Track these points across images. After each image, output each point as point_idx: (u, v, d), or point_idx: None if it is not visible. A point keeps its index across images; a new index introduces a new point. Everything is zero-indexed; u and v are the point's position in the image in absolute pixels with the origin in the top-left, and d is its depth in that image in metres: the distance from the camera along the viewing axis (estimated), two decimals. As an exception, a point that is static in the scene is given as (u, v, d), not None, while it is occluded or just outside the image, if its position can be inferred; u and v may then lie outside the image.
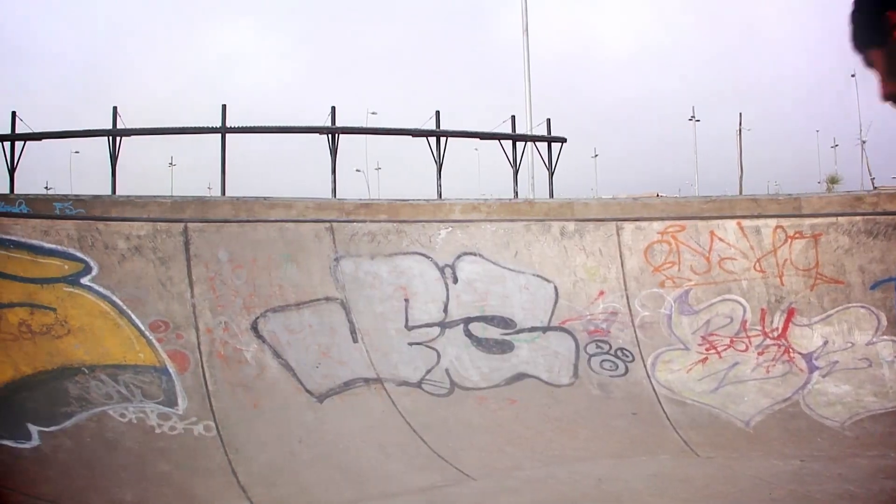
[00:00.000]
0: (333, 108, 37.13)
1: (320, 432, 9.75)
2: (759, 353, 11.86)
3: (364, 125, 42.71)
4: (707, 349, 11.95)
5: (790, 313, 12.25)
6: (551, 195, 36.36)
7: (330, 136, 37.36)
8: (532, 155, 39.95)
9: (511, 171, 39.29)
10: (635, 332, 12.15)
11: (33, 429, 8.49)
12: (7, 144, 36.81)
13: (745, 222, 12.94)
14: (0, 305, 9.84)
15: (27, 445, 8.18)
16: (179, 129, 37.66)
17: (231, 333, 10.87)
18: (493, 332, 11.96)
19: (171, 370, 10.14)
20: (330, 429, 9.86)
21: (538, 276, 12.55)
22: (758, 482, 8.67)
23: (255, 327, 11.08)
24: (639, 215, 13.51)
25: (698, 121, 79.55)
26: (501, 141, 40.19)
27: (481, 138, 40.87)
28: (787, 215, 13.14)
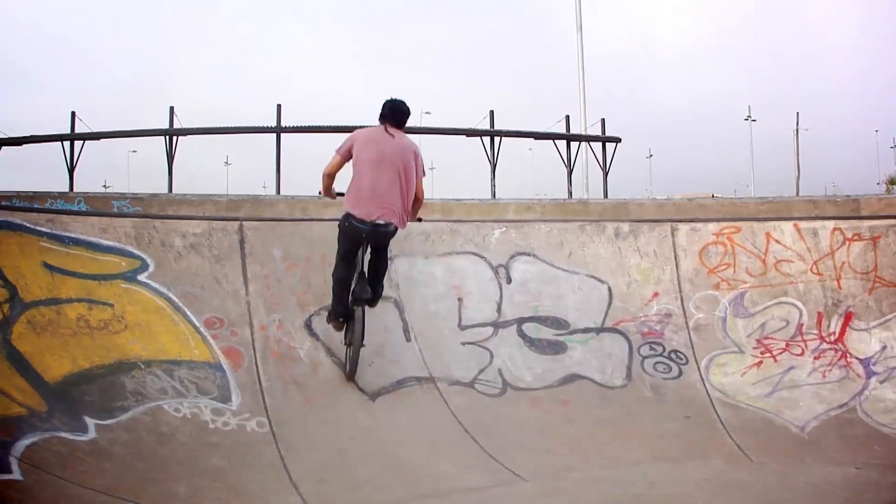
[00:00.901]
0: (388, 109, 37.20)
1: (372, 430, 9.75)
2: (816, 358, 11.69)
3: (418, 125, 42.73)
4: (762, 353, 11.80)
5: (847, 317, 12.07)
6: (605, 195, 36.22)
7: (384, 135, 37.37)
8: (586, 155, 39.90)
9: (565, 171, 39.21)
10: (689, 334, 12.05)
11: (90, 422, 8.58)
12: (67, 144, 37.35)
13: (802, 224, 12.79)
14: (59, 301, 9.97)
15: (84, 438, 8.26)
16: (235, 128, 38.03)
17: (285, 331, 10.93)
18: (547, 333, 11.91)
19: (225, 366, 10.21)
20: (381, 427, 9.86)
21: (592, 276, 12.48)
22: (812, 489, 8.54)
23: (308, 325, 11.13)
24: (694, 216, 13.41)
25: (754, 121, 79.03)
26: (556, 141, 40.12)
27: (535, 138, 40.79)
28: (846, 217, 12.98)
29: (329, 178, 10.48)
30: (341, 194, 10.54)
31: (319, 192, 10.77)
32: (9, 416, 7.96)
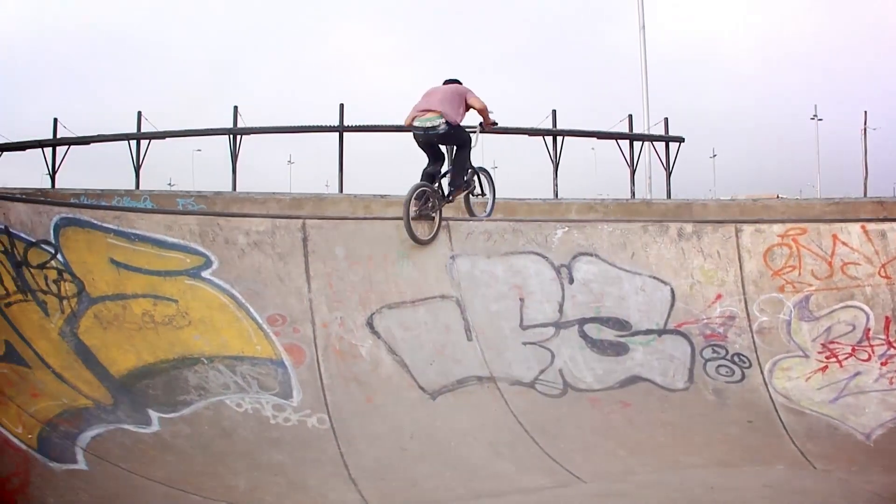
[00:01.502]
0: (451, 108, 37.23)
1: (432, 429, 9.78)
2: (883, 364, 11.45)
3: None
4: (827, 357, 11.59)
5: (917, 322, 11.86)
6: (669, 196, 35.95)
7: (446, 134, 37.44)
8: (649, 154, 39.63)
9: (628, 170, 38.98)
10: (753, 337, 11.88)
11: (153, 415, 8.72)
12: (133, 143, 37.83)
13: (870, 226, 12.56)
14: (125, 296, 10.12)
15: (147, 430, 8.39)
16: (298, 127, 38.27)
17: (347, 329, 10.98)
18: (608, 334, 11.83)
19: (287, 363, 10.30)
20: (441, 425, 9.88)
21: (655, 277, 12.36)
22: (878, 499, 8.39)
23: (370, 323, 11.17)
24: (758, 217, 13.29)
25: (820, 120, 77.78)
26: (618, 140, 39.89)
27: (598, 137, 40.61)
28: (915, 219, 12.74)
29: None
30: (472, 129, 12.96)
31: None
32: (76, 407, 8.11)
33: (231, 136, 36.89)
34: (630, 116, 39.87)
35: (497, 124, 13.52)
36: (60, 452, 7.14)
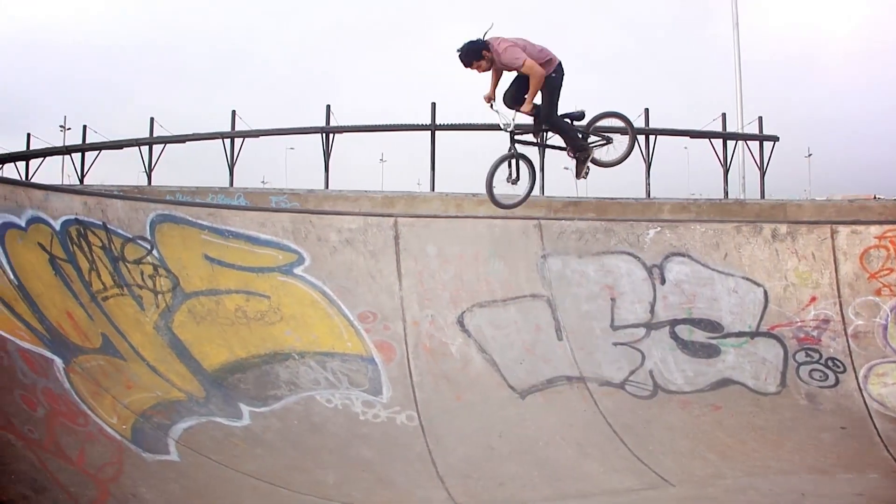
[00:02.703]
0: (543, 107, 37.11)
1: (520, 428, 9.75)
2: (983, 371, 11.18)
3: (572, 122, 42.46)
4: (925, 364, 11.34)
5: None
6: (762, 196, 35.32)
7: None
8: (743, 154, 39.03)
9: (721, 170, 38.45)
10: (847, 341, 11.61)
11: (245, 408, 8.85)
12: (227, 141, 38.34)
13: (974, 228, 12.26)
14: (218, 292, 10.30)
15: (238, 424, 8.51)
16: (390, 126, 38.38)
17: (437, 326, 11.03)
18: (700, 336, 11.70)
19: (377, 360, 10.39)
20: (530, 425, 9.85)
21: (748, 279, 12.17)
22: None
23: (461, 321, 11.21)
24: (855, 218, 13.01)
25: (924, 116, 76.04)
26: (712, 139, 39.34)
27: (691, 136, 40.03)
28: None
29: None
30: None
31: None
32: (169, 400, 8.25)
33: (324, 135, 37.11)
34: (724, 115, 39.26)
35: None
36: (153, 443, 7.26)
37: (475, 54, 9.85)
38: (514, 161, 10.20)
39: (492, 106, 10.32)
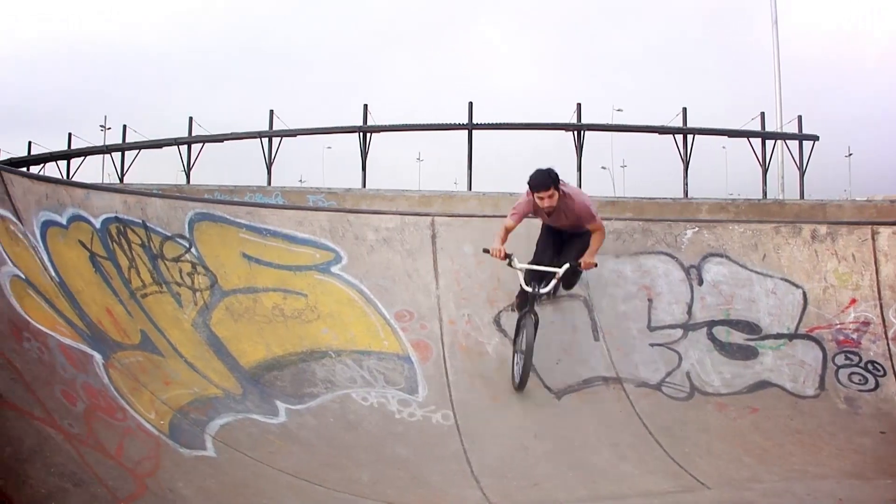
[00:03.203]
0: (579, 105, 37.24)
1: (556, 428, 9.72)
2: None
3: (609, 122, 42.46)
4: (968, 367, 11.19)
5: None
6: (802, 196, 35.12)
7: (575, 132, 37.43)
8: (782, 153, 38.87)
9: (760, 170, 38.26)
10: (888, 344, 11.44)
11: (281, 406, 8.89)
12: (265, 140, 38.62)
13: None
14: (256, 289, 10.37)
15: (275, 421, 8.55)
16: (427, 125, 38.61)
17: (474, 326, 11.05)
18: (737, 337, 11.61)
19: (413, 359, 10.41)
20: (566, 425, 9.82)
21: (786, 280, 12.05)
22: None
23: (497, 321, 11.22)
24: (896, 219, 12.87)
25: (965, 116, 75.25)
26: (750, 139, 39.18)
27: (729, 136, 39.96)
28: None
29: None
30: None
31: None
32: (206, 396, 8.30)
33: (361, 134, 37.38)
34: (762, 114, 39.17)
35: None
36: (190, 439, 7.30)
37: (554, 181, 9.82)
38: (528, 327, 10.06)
39: (510, 263, 10.22)
